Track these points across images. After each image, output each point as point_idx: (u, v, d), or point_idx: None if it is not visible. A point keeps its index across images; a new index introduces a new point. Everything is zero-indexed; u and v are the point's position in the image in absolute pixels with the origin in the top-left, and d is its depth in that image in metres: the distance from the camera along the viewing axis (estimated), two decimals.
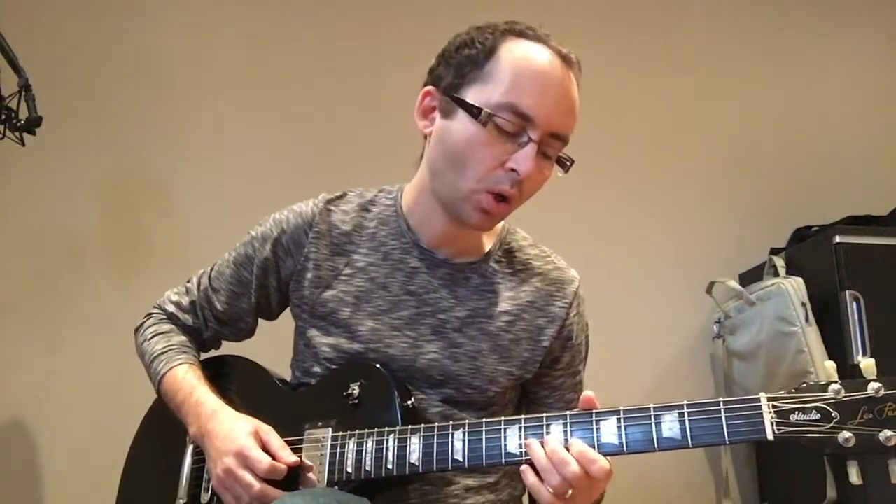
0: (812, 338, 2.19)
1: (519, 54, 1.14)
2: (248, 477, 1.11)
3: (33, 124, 1.97)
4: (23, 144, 2.00)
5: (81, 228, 2.42)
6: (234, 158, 2.53)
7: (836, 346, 2.14)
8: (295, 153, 2.56)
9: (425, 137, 1.24)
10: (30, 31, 2.37)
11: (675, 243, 2.70)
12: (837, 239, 2.23)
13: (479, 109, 1.12)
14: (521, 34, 1.16)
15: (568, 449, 0.99)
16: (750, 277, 2.55)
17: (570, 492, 0.99)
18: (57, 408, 2.28)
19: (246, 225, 1.35)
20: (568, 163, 1.20)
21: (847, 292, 2.17)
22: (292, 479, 1.14)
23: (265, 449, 1.14)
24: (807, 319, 2.21)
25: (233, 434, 1.15)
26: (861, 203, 2.55)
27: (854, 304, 2.16)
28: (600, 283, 2.45)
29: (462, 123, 1.14)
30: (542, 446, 1.00)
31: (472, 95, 1.14)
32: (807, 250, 2.41)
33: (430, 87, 1.21)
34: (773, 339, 2.27)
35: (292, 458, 1.13)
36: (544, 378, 1.29)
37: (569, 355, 1.29)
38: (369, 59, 2.62)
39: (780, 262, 2.41)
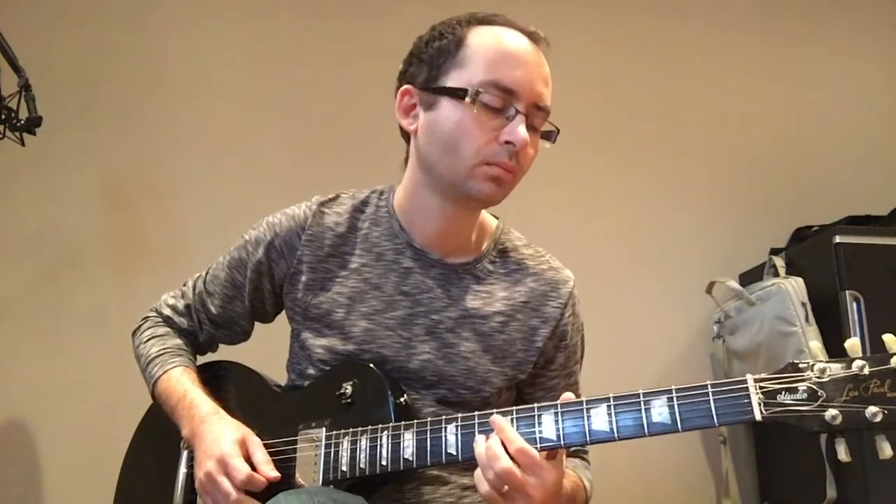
0: (812, 338, 2.19)
1: (489, 37, 1.18)
2: (226, 484, 1.11)
3: (33, 124, 1.97)
4: (23, 144, 2.00)
5: (81, 228, 2.42)
6: (233, 159, 2.53)
7: (836, 347, 2.12)
8: (294, 154, 2.56)
9: (407, 139, 1.26)
10: (30, 31, 2.37)
11: (675, 243, 2.70)
12: (837, 239, 2.23)
13: (465, 90, 1.14)
14: (485, 20, 1.20)
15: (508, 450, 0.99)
16: (750, 277, 2.55)
17: (505, 487, 0.98)
18: (57, 408, 2.29)
19: (245, 225, 1.35)
20: (554, 133, 1.22)
21: (847, 292, 2.17)
22: (279, 480, 1.14)
23: (249, 459, 1.14)
24: (807, 319, 2.21)
25: (219, 439, 1.15)
26: (861, 203, 2.55)
27: (854, 304, 2.15)
28: (600, 283, 2.47)
29: (448, 110, 1.16)
30: (485, 441, 1.01)
31: (451, 82, 1.17)
32: (807, 250, 2.41)
33: (406, 86, 1.22)
34: (773, 339, 2.27)
35: (273, 474, 1.13)
36: (539, 379, 1.29)
37: (563, 356, 1.29)
38: (369, 61, 2.62)
39: (780, 262, 2.41)
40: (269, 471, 1.13)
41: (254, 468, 1.13)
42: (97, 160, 2.46)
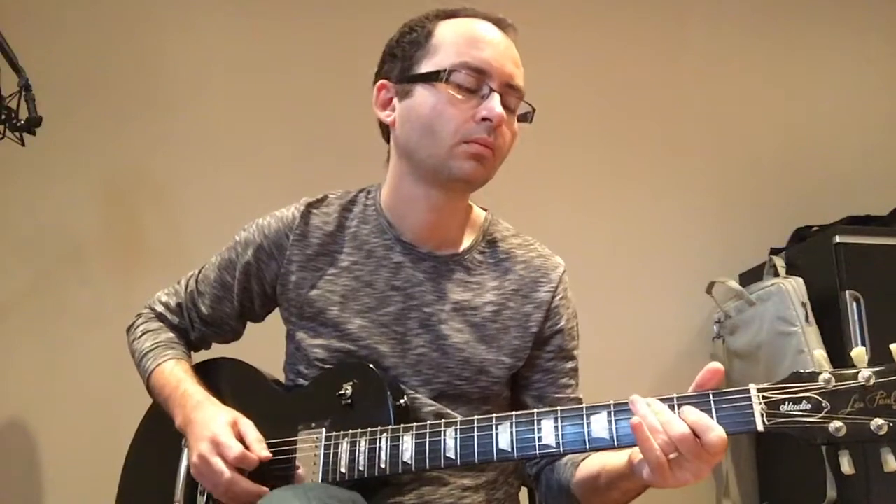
0: (812, 338, 2.19)
1: (457, 24, 1.23)
2: (219, 463, 1.12)
3: (33, 124, 1.97)
4: (23, 144, 2.00)
5: (81, 228, 2.42)
6: (233, 158, 2.53)
7: (836, 347, 2.14)
8: (294, 153, 2.56)
9: (387, 138, 1.29)
10: (30, 31, 2.37)
11: (675, 243, 2.70)
12: (837, 239, 2.23)
13: (437, 72, 1.18)
14: (453, 14, 1.24)
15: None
16: (750, 277, 2.55)
17: (674, 454, 0.94)
18: (57, 408, 2.29)
19: (244, 225, 1.35)
20: (530, 114, 1.24)
21: (847, 292, 2.17)
22: (278, 478, 1.14)
23: (241, 440, 1.15)
24: (807, 319, 2.21)
25: (210, 422, 1.16)
26: (861, 203, 2.55)
27: (854, 304, 2.16)
28: (600, 282, 2.47)
29: (423, 96, 1.19)
30: (648, 406, 0.96)
31: (424, 69, 1.20)
32: (807, 250, 2.41)
33: (382, 81, 1.26)
34: (773, 339, 2.27)
35: (265, 453, 1.14)
36: (536, 361, 1.28)
37: (560, 339, 1.28)
38: (368, 60, 2.61)
39: (780, 262, 2.41)
40: (260, 449, 1.14)
41: (247, 448, 1.13)
42: (97, 160, 2.46)
